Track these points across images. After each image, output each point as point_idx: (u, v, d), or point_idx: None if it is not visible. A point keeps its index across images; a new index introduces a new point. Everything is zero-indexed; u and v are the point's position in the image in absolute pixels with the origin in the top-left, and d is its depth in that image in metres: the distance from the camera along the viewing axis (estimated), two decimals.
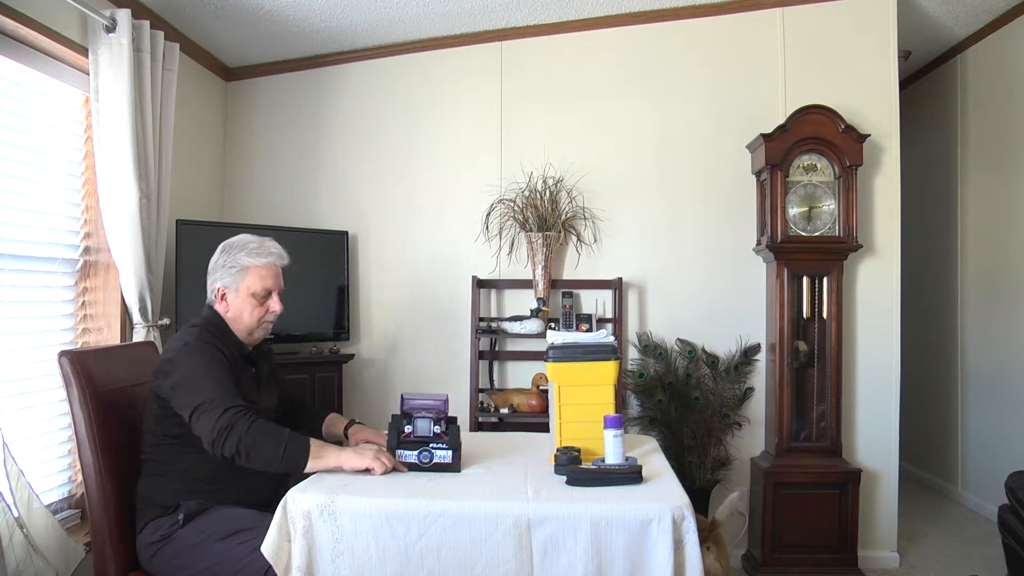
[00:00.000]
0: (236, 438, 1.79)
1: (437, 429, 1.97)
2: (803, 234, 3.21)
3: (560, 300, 3.39)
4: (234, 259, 2.04)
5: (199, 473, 1.93)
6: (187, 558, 1.86)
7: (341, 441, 2.24)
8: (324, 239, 3.44)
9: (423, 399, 2.07)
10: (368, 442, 2.15)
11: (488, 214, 3.48)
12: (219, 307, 2.05)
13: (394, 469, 1.91)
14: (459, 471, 1.94)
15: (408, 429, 1.96)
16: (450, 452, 1.95)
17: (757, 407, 3.44)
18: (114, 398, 2.01)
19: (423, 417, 1.97)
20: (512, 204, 3.42)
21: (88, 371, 1.94)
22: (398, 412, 2.17)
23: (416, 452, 1.94)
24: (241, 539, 1.83)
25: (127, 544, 1.94)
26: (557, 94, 3.56)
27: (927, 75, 4.57)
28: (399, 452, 1.94)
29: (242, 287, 2.03)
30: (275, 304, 2.07)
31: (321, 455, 1.86)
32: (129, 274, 2.62)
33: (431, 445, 1.94)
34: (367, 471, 1.87)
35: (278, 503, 1.73)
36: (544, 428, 2.82)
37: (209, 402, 1.83)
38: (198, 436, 1.84)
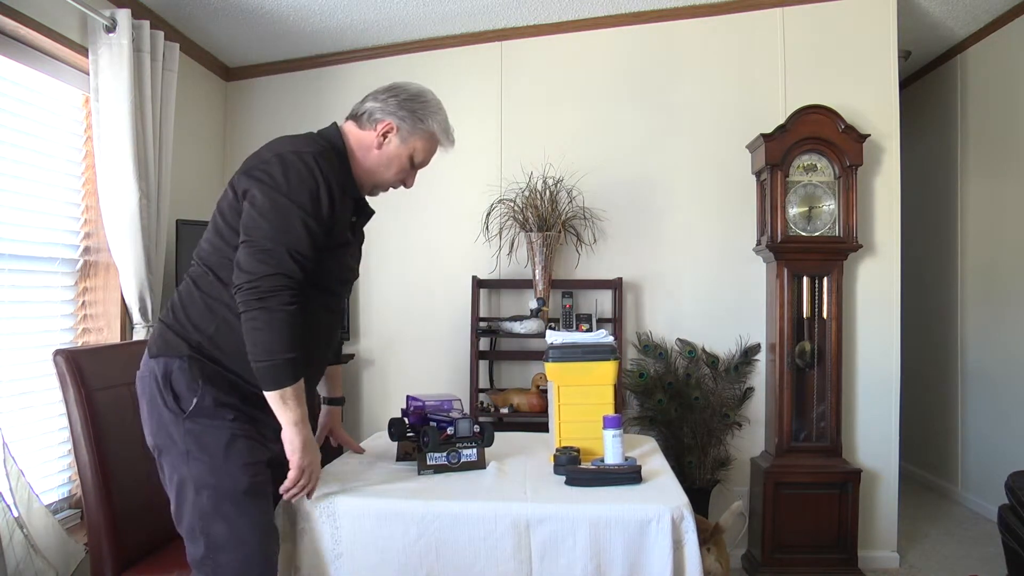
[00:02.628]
0: (262, 302, 1.53)
1: (476, 429, 1.97)
2: (803, 234, 3.21)
3: (560, 300, 3.39)
4: (425, 115, 1.77)
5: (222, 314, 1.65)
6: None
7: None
8: None
9: (437, 400, 2.08)
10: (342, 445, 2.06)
11: (488, 214, 3.48)
12: (361, 135, 1.77)
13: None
14: (484, 467, 1.95)
15: (451, 431, 1.95)
16: (475, 449, 1.95)
17: (757, 407, 3.44)
18: (110, 397, 1.99)
19: (464, 418, 1.97)
20: (512, 204, 3.42)
21: (83, 370, 1.93)
22: (398, 413, 2.18)
23: (445, 454, 1.93)
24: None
25: (124, 544, 1.93)
26: (557, 94, 3.56)
27: (927, 75, 4.56)
28: (429, 455, 1.92)
29: (411, 143, 1.77)
30: (414, 179, 1.85)
31: (290, 407, 1.57)
32: (129, 274, 2.62)
33: (458, 446, 1.94)
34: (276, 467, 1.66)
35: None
36: (544, 428, 2.82)
37: (271, 251, 1.54)
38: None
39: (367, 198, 1.86)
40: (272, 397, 1.57)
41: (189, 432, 1.60)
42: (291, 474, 1.60)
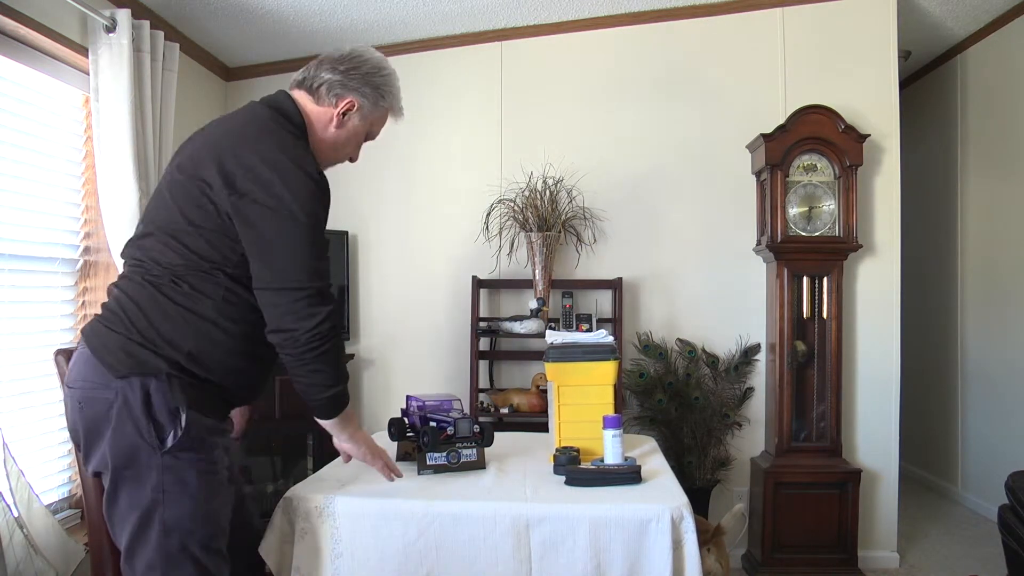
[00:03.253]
0: (324, 345, 1.49)
1: (476, 429, 1.97)
2: (803, 234, 3.21)
3: (560, 300, 3.39)
4: (387, 91, 1.69)
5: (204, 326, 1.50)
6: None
7: None
8: None
9: (437, 400, 2.08)
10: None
11: (488, 214, 3.48)
12: (318, 111, 1.63)
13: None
14: (484, 467, 1.95)
15: (451, 431, 1.94)
16: (475, 449, 1.95)
17: (757, 407, 3.44)
18: None
19: (464, 418, 1.97)
20: (512, 204, 3.42)
21: None
22: (398, 413, 2.18)
23: (445, 454, 1.93)
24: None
25: None
26: (557, 94, 3.56)
27: (927, 75, 4.56)
28: (429, 455, 1.92)
29: (370, 119, 1.70)
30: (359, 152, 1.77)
31: (351, 420, 1.66)
32: None
33: (458, 446, 1.94)
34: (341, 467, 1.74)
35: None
36: (544, 428, 2.82)
37: (316, 294, 1.48)
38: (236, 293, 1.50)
39: None
40: (329, 423, 1.62)
41: (168, 469, 1.43)
42: (378, 469, 1.74)
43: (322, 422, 1.63)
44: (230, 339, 1.52)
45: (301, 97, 1.66)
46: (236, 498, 1.62)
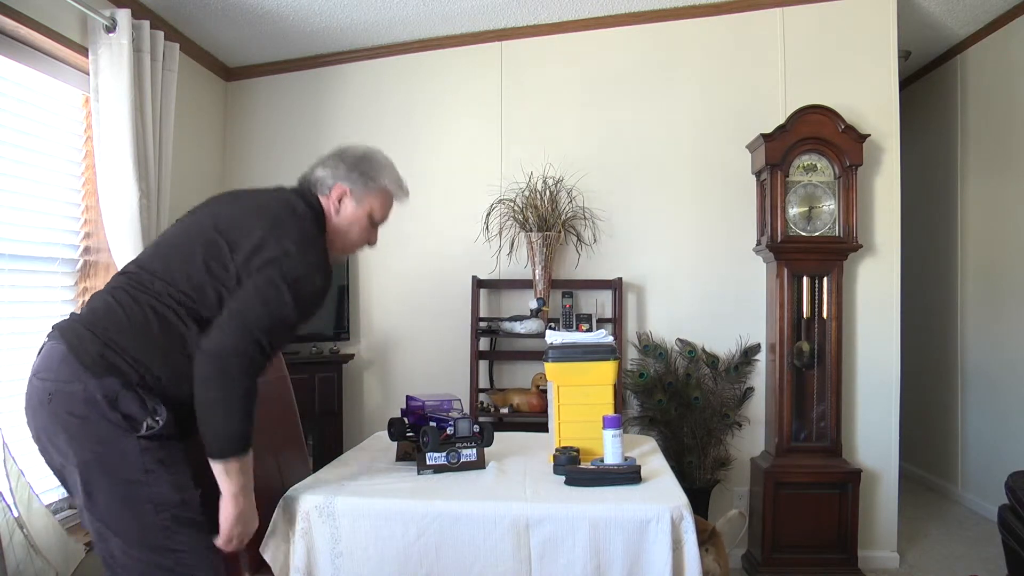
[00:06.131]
0: (242, 375, 1.52)
1: (476, 429, 1.97)
2: (803, 234, 3.21)
3: (560, 300, 3.39)
4: (375, 175, 1.82)
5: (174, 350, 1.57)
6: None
7: None
8: None
9: (436, 400, 2.08)
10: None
11: (488, 214, 3.48)
12: (324, 200, 1.79)
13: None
14: (484, 467, 1.95)
15: (450, 431, 1.95)
16: (475, 449, 1.95)
17: (757, 407, 3.44)
18: None
19: (464, 418, 1.97)
20: (512, 204, 3.42)
21: None
22: (398, 413, 2.18)
23: (444, 454, 1.93)
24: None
25: None
26: (557, 94, 3.56)
27: (927, 75, 4.56)
28: (429, 455, 1.92)
29: (367, 203, 1.81)
30: (376, 236, 1.90)
31: (238, 473, 1.54)
32: None
33: (458, 445, 1.94)
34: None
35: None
36: (544, 428, 2.82)
37: (262, 329, 1.55)
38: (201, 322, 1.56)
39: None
40: (220, 469, 1.53)
41: (146, 450, 1.50)
42: (220, 539, 1.56)
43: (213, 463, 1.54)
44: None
45: (325, 200, 1.81)
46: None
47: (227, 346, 1.51)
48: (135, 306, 1.57)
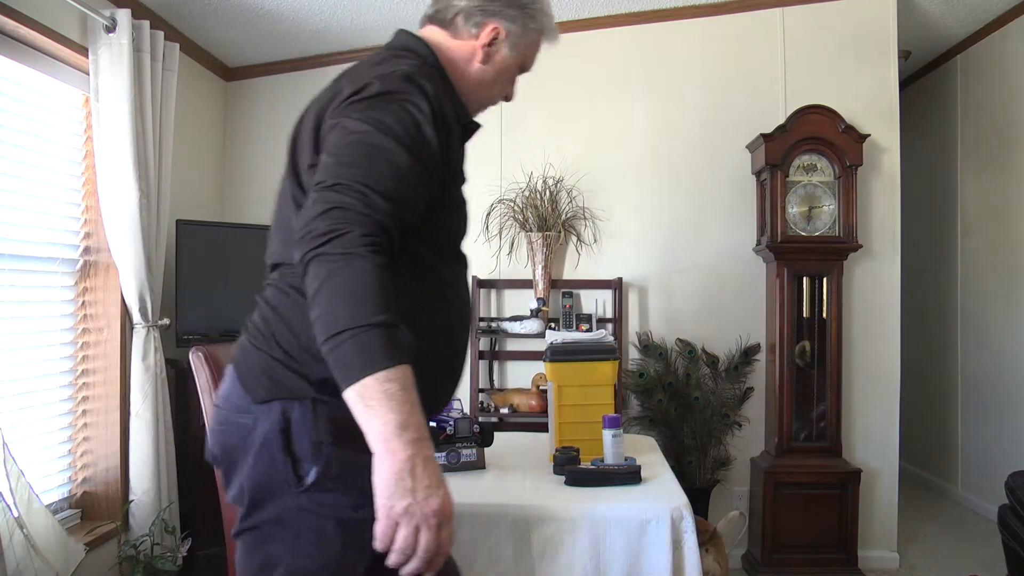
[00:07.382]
0: (337, 254, 0.98)
1: (476, 429, 1.97)
2: (803, 234, 3.21)
3: (560, 300, 3.39)
4: (536, 10, 1.40)
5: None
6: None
7: None
8: None
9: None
10: None
11: (488, 214, 3.48)
12: (457, 45, 1.35)
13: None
14: (484, 467, 1.95)
15: (450, 431, 1.94)
16: (475, 449, 1.95)
17: (757, 407, 3.44)
18: None
19: (464, 418, 1.97)
20: (512, 204, 3.42)
21: (219, 364, 1.80)
22: None
23: (444, 454, 1.93)
24: None
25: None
26: (557, 94, 3.56)
27: (927, 75, 4.56)
28: None
29: (522, 48, 1.38)
30: (515, 89, 1.46)
31: (383, 397, 0.96)
32: (129, 274, 2.62)
33: (458, 445, 1.94)
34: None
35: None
36: (544, 428, 2.82)
37: (357, 176, 1.05)
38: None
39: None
40: (355, 396, 0.96)
41: (304, 510, 1.13)
42: (379, 526, 0.99)
43: (349, 400, 0.98)
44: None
45: (434, 33, 1.38)
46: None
47: (311, 214, 1.03)
48: (285, 294, 1.19)
